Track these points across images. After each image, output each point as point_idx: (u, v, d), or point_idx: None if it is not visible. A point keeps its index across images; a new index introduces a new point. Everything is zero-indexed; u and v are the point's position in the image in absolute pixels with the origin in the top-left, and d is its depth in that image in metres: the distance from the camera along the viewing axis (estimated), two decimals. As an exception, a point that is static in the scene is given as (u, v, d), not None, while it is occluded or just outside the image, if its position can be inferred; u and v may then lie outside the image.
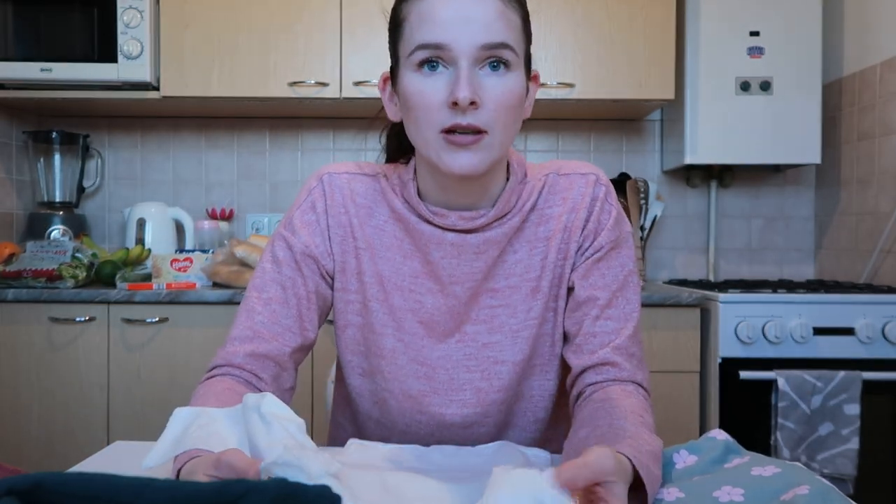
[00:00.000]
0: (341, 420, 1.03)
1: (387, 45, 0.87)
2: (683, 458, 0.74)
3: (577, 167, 0.93)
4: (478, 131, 0.78)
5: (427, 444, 0.93)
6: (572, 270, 0.91)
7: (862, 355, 1.92)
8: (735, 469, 0.70)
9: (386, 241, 0.91)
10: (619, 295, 0.89)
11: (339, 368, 0.99)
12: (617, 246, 0.90)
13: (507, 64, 0.79)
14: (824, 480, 0.64)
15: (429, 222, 0.88)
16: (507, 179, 0.90)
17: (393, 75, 0.86)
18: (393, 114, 0.87)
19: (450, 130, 0.78)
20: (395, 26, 0.83)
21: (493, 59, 0.78)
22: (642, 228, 2.53)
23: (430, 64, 0.78)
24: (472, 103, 0.76)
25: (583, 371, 0.88)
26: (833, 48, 2.45)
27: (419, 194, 0.89)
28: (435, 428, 0.93)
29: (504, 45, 0.78)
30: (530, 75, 0.88)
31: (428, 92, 0.78)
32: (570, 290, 0.91)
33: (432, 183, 0.87)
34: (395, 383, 0.92)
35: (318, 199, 0.92)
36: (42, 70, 2.19)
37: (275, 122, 2.66)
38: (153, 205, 2.43)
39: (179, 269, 2.12)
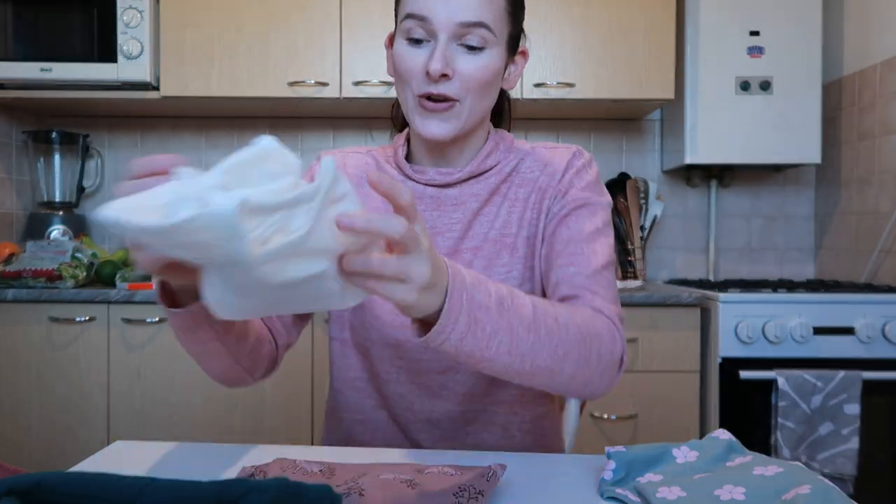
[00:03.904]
0: (339, 387, 1.06)
1: (385, 44, 0.97)
2: (685, 454, 0.74)
3: (565, 146, 1.00)
4: (448, 99, 0.87)
5: (409, 393, 0.98)
6: (545, 229, 0.96)
7: (862, 355, 1.92)
8: (737, 468, 0.70)
9: (374, 204, 0.98)
10: (584, 246, 0.91)
11: (329, 331, 1.05)
12: (585, 205, 0.94)
13: (482, 42, 0.86)
14: (826, 480, 0.64)
15: (412, 179, 0.98)
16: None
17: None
18: (390, 70, 0.95)
19: (425, 96, 0.88)
20: None
21: (469, 35, 0.86)
22: (642, 228, 2.53)
23: (415, 39, 0.87)
24: (444, 75, 0.85)
25: None
26: (833, 48, 2.46)
27: (410, 157, 1.00)
28: (414, 375, 0.97)
29: (480, 25, 0.85)
30: (517, 51, 0.95)
31: (410, 59, 0.87)
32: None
33: (419, 145, 0.98)
34: (374, 332, 0.97)
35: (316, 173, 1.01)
36: (42, 70, 2.19)
37: (275, 121, 2.66)
38: (153, 205, 2.43)
39: (179, 269, 2.12)
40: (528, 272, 0.96)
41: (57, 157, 2.55)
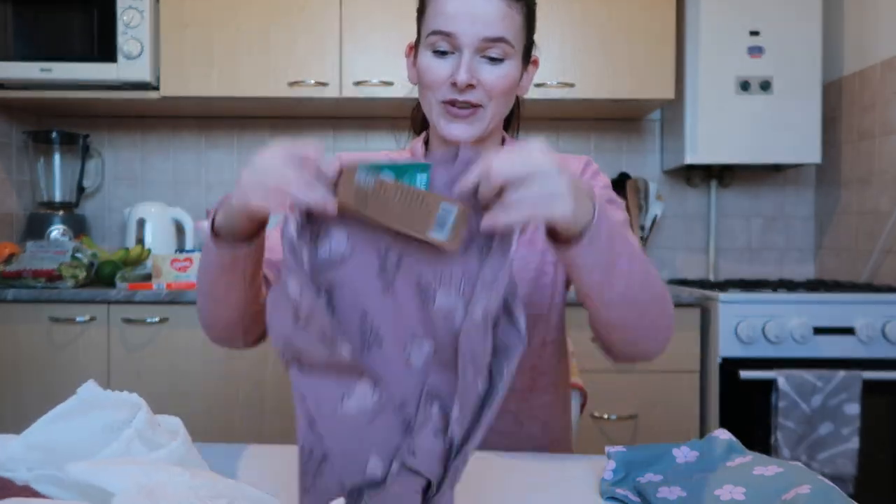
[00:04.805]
0: None
1: (386, 44, 1.10)
2: (685, 454, 0.74)
3: (574, 156, 1.08)
4: (473, 105, 0.94)
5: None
6: None
7: (862, 355, 1.92)
8: (737, 468, 0.70)
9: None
10: (623, 230, 0.98)
11: None
12: (612, 201, 1.00)
13: (503, 54, 0.93)
14: (826, 480, 0.64)
15: None
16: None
17: (416, 47, 1.00)
18: (412, 77, 1.01)
19: (450, 102, 0.94)
20: (420, 10, 0.98)
21: (492, 49, 0.92)
22: (642, 228, 2.53)
23: (441, 51, 0.93)
24: (470, 85, 0.92)
25: None
26: (833, 48, 2.45)
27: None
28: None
29: (502, 40, 0.91)
30: (529, 60, 1.01)
31: (436, 70, 0.93)
32: None
33: (439, 148, 1.03)
34: None
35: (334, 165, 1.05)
36: (42, 70, 2.19)
37: (275, 121, 2.66)
38: (153, 205, 2.43)
39: (179, 269, 2.12)
40: (547, 266, 1.01)
41: (57, 157, 2.55)
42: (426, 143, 1.07)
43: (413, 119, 1.15)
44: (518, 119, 1.14)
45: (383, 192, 0.61)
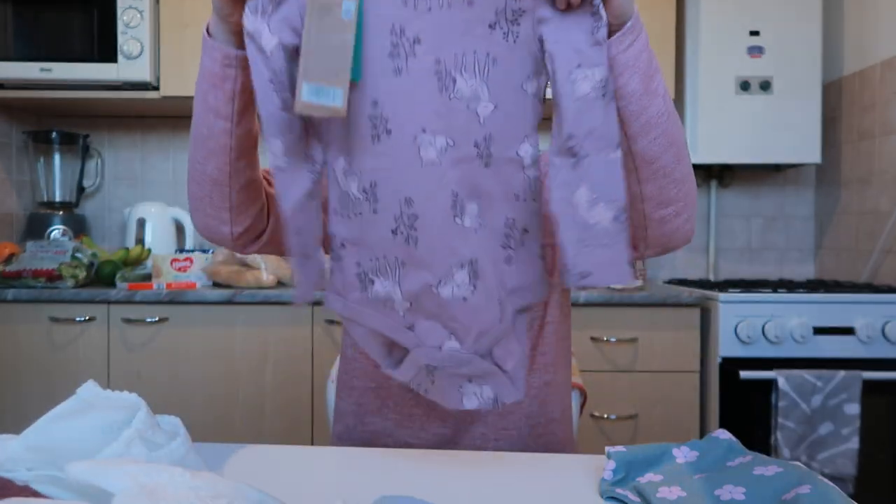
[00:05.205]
0: (352, 355, 1.07)
1: None
2: (685, 454, 0.74)
3: None
4: None
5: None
6: None
7: (862, 355, 1.92)
8: (737, 468, 0.70)
9: None
10: None
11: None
12: None
13: None
14: (826, 480, 0.64)
15: None
16: None
17: None
18: None
19: None
20: None
21: None
22: (642, 228, 2.53)
23: None
24: None
25: None
26: (833, 48, 2.46)
27: None
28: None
29: None
30: None
31: None
32: None
33: None
34: None
35: None
36: (42, 70, 2.19)
37: (275, 122, 2.65)
38: (153, 205, 2.43)
39: (179, 269, 2.12)
40: (546, 248, 1.03)
41: (57, 157, 2.55)
42: None
43: None
44: None
45: (335, 24, 0.58)
